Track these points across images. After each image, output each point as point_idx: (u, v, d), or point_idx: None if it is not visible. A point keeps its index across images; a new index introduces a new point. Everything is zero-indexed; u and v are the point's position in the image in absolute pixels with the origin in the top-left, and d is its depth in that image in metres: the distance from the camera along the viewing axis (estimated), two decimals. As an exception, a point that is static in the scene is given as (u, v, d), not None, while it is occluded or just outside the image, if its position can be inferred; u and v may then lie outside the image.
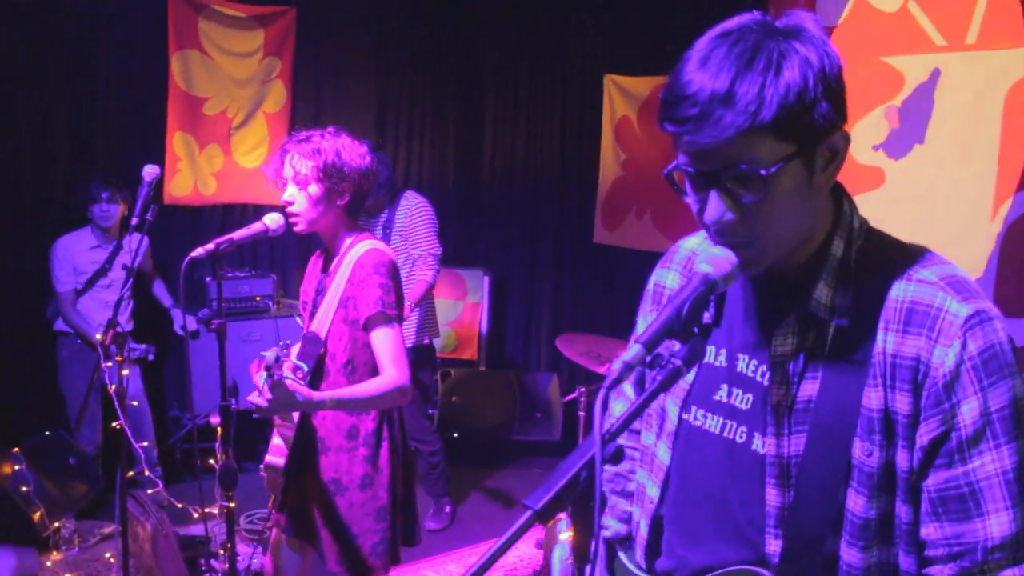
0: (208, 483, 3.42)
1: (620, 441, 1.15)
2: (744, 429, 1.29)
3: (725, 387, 1.32)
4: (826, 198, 1.26)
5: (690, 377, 1.34)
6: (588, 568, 1.12)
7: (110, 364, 3.10)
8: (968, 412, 1.13)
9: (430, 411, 5.48)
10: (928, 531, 1.17)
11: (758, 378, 1.28)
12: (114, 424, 3.05)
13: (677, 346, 1.17)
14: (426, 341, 4.66)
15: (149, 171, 3.21)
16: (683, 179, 1.24)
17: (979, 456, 1.13)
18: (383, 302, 2.51)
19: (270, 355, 2.13)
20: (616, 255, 5.98)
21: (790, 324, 1.24)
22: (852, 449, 1.18)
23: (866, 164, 4.53)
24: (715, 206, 1.18)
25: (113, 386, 2.97)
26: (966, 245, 4.13)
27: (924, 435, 1.15)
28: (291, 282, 5.93)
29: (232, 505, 2.53)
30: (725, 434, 1.31)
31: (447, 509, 4.78)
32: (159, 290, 5.11)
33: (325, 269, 2.72)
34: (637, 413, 1.14)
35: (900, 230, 4.27)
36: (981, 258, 4.09)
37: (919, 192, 4.33)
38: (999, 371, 1.14)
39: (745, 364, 1.30)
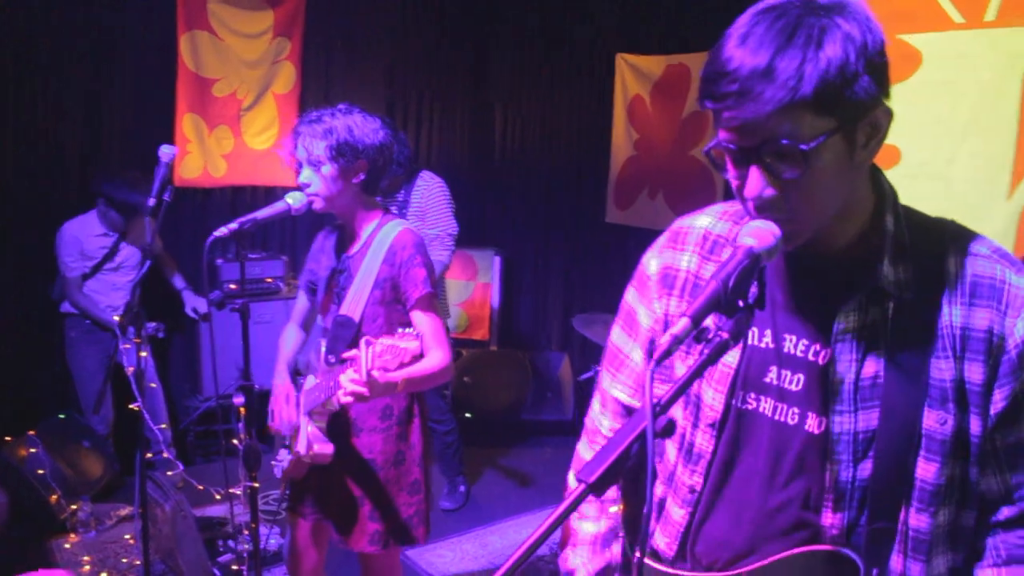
0: (222, 464, 3.41)
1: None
2: (796, 410, 1.29)
3: (775, 369, 1.31)
4: (867, 177, 1.27)
5: (732, 361, 1.33)
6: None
7: (128, 346, 3.09)
8: None
9: (445, 391, 5.49)
10: (997, 481, 1.24)
11: (810, 357, 1.28)
12: (131, 406, 3.05)
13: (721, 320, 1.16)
14: None
15: (166, 151, 3.19)
16: (723, 156, 1.23)
17: None
18: (429, 282, 2.53)
19: (362, 349, 2.13)
20: (628, 234, 5.96)
21: (854, 302, 1.24)
22: (922, 419, 1.21)
23: (884, 143, 4.50)
24: (756, 182, 1.17)
25: (132, 368, 2.96)
26: (984, 223, 4.11)
27: (999, 401, 1.20)
28: (302, 264, 5.91)
29: (256, 485, 2.53)
30: (777, 416, 1.30)
31: (461, 489, 4.79)
32: (169, 272, 5.09)
33: (343, 248, 2.69)
34: (687, 386, 1.14)
35: (919, 206, 4.24)
36: (1000, 236, 4.07)
37: (935, 170, 4.30)
38: None
39: (793, 344, 1.30)
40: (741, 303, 1.16)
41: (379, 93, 6.20)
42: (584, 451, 1.64)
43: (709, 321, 1.14)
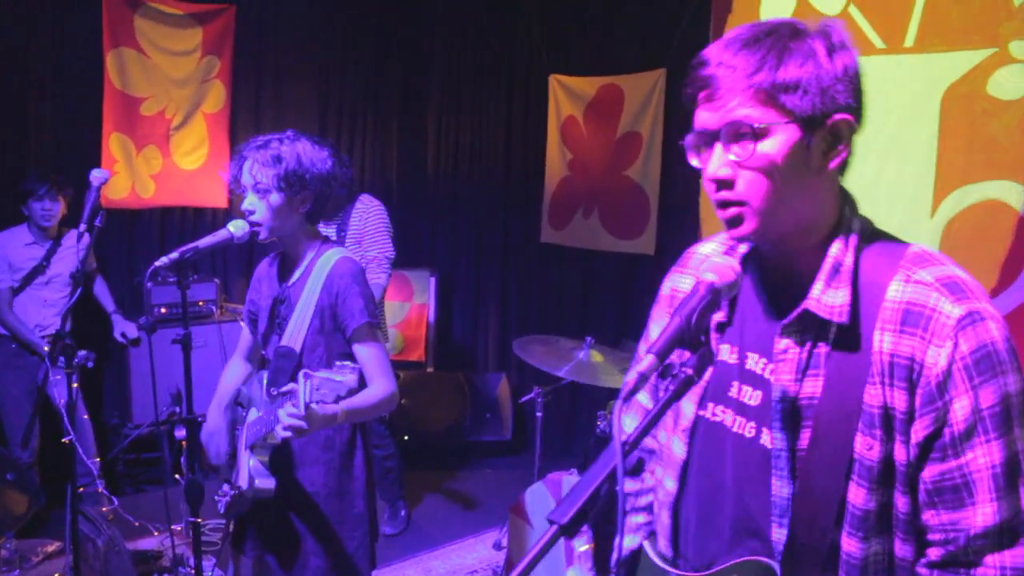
0: (151, 496, 3.32)
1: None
2: (753, 424, 1.34)
3: (736, 384, 1.37)
4: (833, 197, 1.32)
5: (706, 374, 1.36)
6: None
7: (59, 377, 2.99)
8: (960, 409, 1.18)
9: (384, 416, 5.43)
10: (926, 517, 1.23)
11: (766, 375, 1.32)
12: (64, 440, 2.95)
13: (687, 355, 1.19)
14: None
15: (97, 175, 3.11)
16: (695, 149, 1.31)
17: (971, 451, 1.19)
18: (368, 311, 2.49)
19: (300, 383, 2.09)
20: (563, 254, 6.00)
21: (793, 322, 1.28)
22: (854, 443, 1.23)
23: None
24: (713, 160, 1.25)
25: (63, 400, 2.87)
26: (909, 240, 4.23)
27: (919, 431, 1.21)
28: (233, 287, 5.82)
29: (199, 520, 2.46)
30: (736, 429, 1.36)
31: (402, 513, 4.74)
32: (101, 291, 4.93)
33: (283, 277, 2.65)
34: (653, 423, 1.16)
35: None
36: (924, 254, 4.20)
37: (861, 190, 4.40)
38: (990, 370, 1.19)
39: (754, 362, 1.35)
40: (704, 338, 1.20)
41: (311, 113, 6.13)
42: None
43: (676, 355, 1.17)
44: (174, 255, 2.40)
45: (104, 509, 3.79)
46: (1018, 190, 3.90)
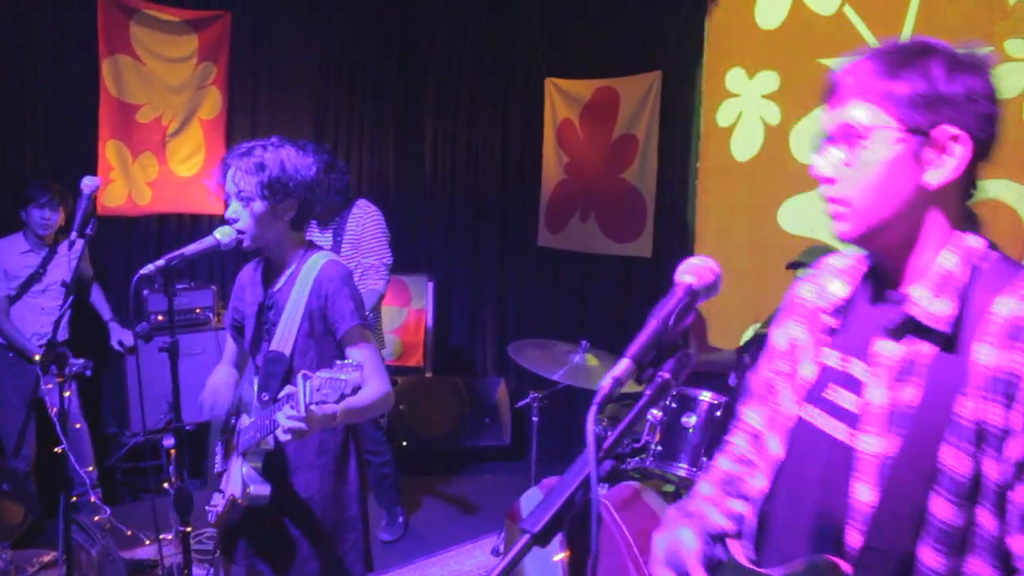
0: (148, 505, 3.30)
1: (736, 441, 1.41)
2: (847, 429, 1.33)
3: (836, 387, 1.37)
4: (944, 211, 1.30)
5: (809, 374, 1.42)
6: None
7: (51, 386, 2.98)
8: None
9: (381, 421, 5.42)
10: (1013, 543, 1.19)
11: (865, 380, 1.32)
12: (56, 449, 2.93)
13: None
14: None
15: (88, 183, 3.10)
16: (820, 149, 1.36)
17: None
18: (359, 314, 2.48)
19: (300, 384, 2.09)
20: (561, 258, 5.99)
21: (895, 329, 1.29)
22: (940, 455, 1.20)
23: (807, 164, 4.59)
24: (822, 158, 1.33)
25: (55, 408, 2.85)
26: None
27: (1015, 450, 1.17)
28: (231, 293, 5.80)
29: (189, 530, 2.45)
30: (831, 432, 1.35)
31: (400, 519, 4.72)
32: (97, 299, 4.92)
33: (269, 283, 2.63)
34: (627, 431, 1.14)
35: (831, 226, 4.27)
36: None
37: (859, 191, 4.41)
38: None
39: (856, 367, 1.35)
40: (682, 340, 1.19)
41: (307, 119, 6.13)
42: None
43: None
44: (160, 262, 2.38)
45: (97, 518, 3.76)
46: (1016, 189, 3.89)
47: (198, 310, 5.32)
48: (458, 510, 5.14)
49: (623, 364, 1.12)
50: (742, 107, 4.91)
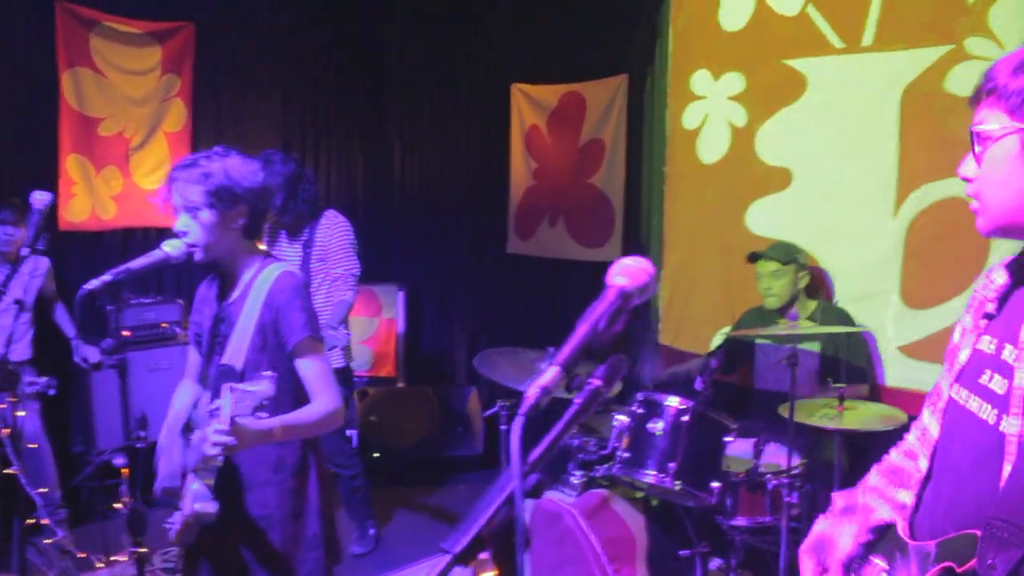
0: (108, 525, 3.23)
1: (908, 437, 1.57)
2: (996, 411, 1.36)
3: (988, 372, 1.41)
4: None
5: (964, 358, 1.48)
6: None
7: (3, 406, 2.91)
8: None
9: (348, 433, 5.37)
10: None
11: (1013, 364, 1.36)
12: (7, 471, 2.86)
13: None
14: (344, 363, 4.55)
15: (40, 198, 3.04)
16: None
17: None
18: (310, 326, 2.43)
19: (225, 397, 2.04)
20: (530, 264, 5.96)
21: None
22: None
23: (774, 165, 4.59)
24: (966, 158, 1.41)
25: (8, 430, 2.78)
26: (873, 241, 4.22)
27: None
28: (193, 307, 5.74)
29: (144, 550, 2.38)
30: (980, 414, 1.39)
31: (371, 532, 4.67)
32: (61, 317, 4.84)
33: (224, 295, 2.59)
34: (556, 442, 1.10)
35: (810, 228, 4.34)
36: (888, 253, 4.18)
37: (825, 190, 4.41)
38: None
39: (1008, 352, 1.39)
40: (620, 346, 1.14)
41: (274, 129, 6.09)
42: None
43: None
44: (106, 277, 2.33)
45: (48, 541, 3.68)
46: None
47: (164, 324, 5.25)
48: (431, 521, 5.09)
49: (551, 372, 1.08)
50: (708, 109, 4.90)
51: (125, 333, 4.99)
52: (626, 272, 1.19)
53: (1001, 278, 1.48)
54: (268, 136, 5.98)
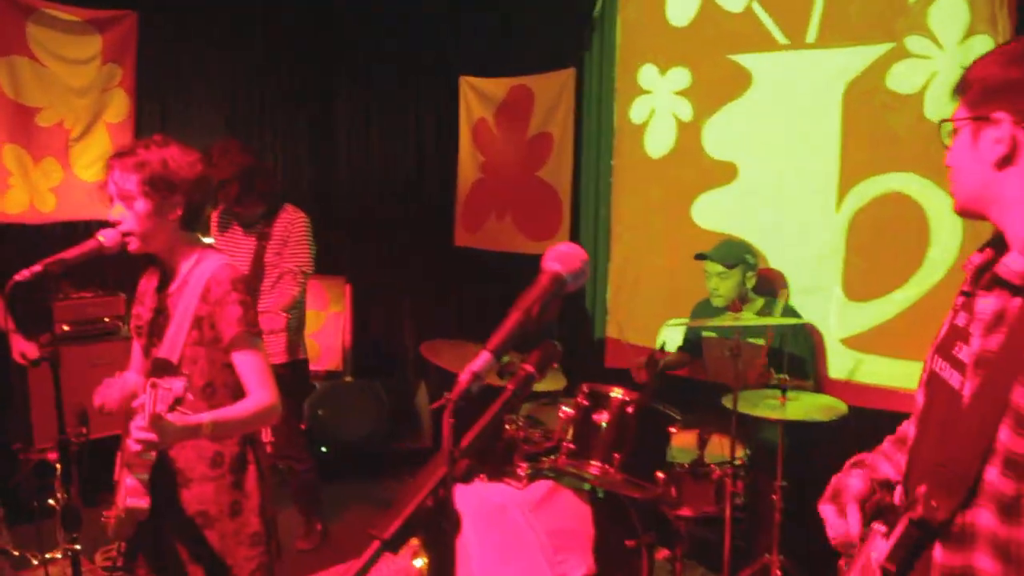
0: (49, 523, 3.16)
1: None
2: (959, 376, 1.46)
3: (959, 343, 1.49)
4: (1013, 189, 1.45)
5: (942, 332, 1.58)
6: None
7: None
8: None
9: (302, 427, 5.32)
10: None
11: (971, 331, 1.46)
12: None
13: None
14: (300, 356, 4.50)
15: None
16: None
17: None
18: (246, 320, 2.39)
19: (147, 393, 2.01)
20: (479, 258, 5.95)
21: (989, 285, 1.45)
22: (1012, 395, 1.32)
23: (720, 159, 4.64)
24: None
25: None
26: (815, 235, 4.28)
27: None
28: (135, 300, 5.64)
29: (78, 548, 2.33)
30: (951, 382, 1.49)
31: (318, 527, 4.63)
32: None
33: (162, 287, 2.54)
34: (490, 427, 1.10)
35: (755, 222, 4.39)
36: (830, 248, 4.25)
37: (770, 186, 4.46)
38: None
39: (972, 323, 1.48)
40: (552, 333, 1.14)
41: (219, 121, 5.99)
42: None
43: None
44: (37, 268, 2.27)
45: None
46: (919, 182, 3.96)
47: (106, 319, 5.15)
48: (378, 515, 5.05)
49: (482, 357, 1.07)
50: (654, 104, 4.94)
51: (65, 328, 4.90)
52: (559, 258, 1.19)
53: (978, 257, 1.55)
54: (213, 127, 5.88)
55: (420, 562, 1.18)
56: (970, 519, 1.36)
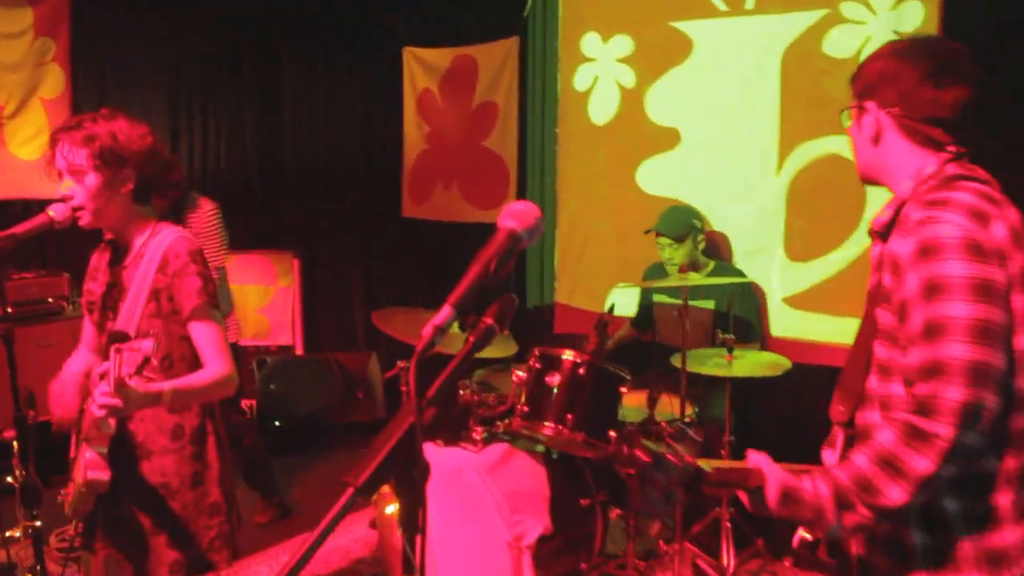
0: (7, 502, 3.13)
1: None
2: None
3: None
4: (896, 153, 1.76)
5: (870, 284, 1.81)
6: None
7: None
8: (909, 283, 1.60)
9: (241, 406, 5.32)
10: (902, 363, 1.63)
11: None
12: None
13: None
14: (231, 340, 4.49)
15: None
16: None
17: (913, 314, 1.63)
18: (206, 292, 2.40)
19: (111, 358, 2.02)
20: (426, 228, 5.97)
21: (872, 233, 1.76)
22: (878, 318, 1.68)
23: (663, 125, 4.71)
24: None
25: None
26: (757, 198, 4.38)
27: (896, 302, 1.64)
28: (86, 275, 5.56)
29: (38, 524, 2.33)
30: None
31: (275, 498, 4.65)
32: None
33: (116, 262, 2.53)
34: (452, 378, 1.14)
35: (699, 184, 4.47)
36: (771, 209, 4.35)
37: (711, 150, 4.55)
38: (928, 256, 1.60)
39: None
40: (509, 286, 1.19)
41: (160, 96, 5.90)
42: None
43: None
44: (-11, 243, 2.25)
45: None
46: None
47: (50, 299, 5.07)
48: (334, 486, 5.07)
49: (444, 311, 1.12)
50: (598, 71, 4.98)
51: (8, 309, 4.81)
52: (514, 215, 1.24)
53: (884, 215, 1.74)
54: (156, 103, 5.80)
55: (392, 508, 1.21)
56: (862, 421, 1.73)
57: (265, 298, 5.96)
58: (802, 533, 1.70)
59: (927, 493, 1.48)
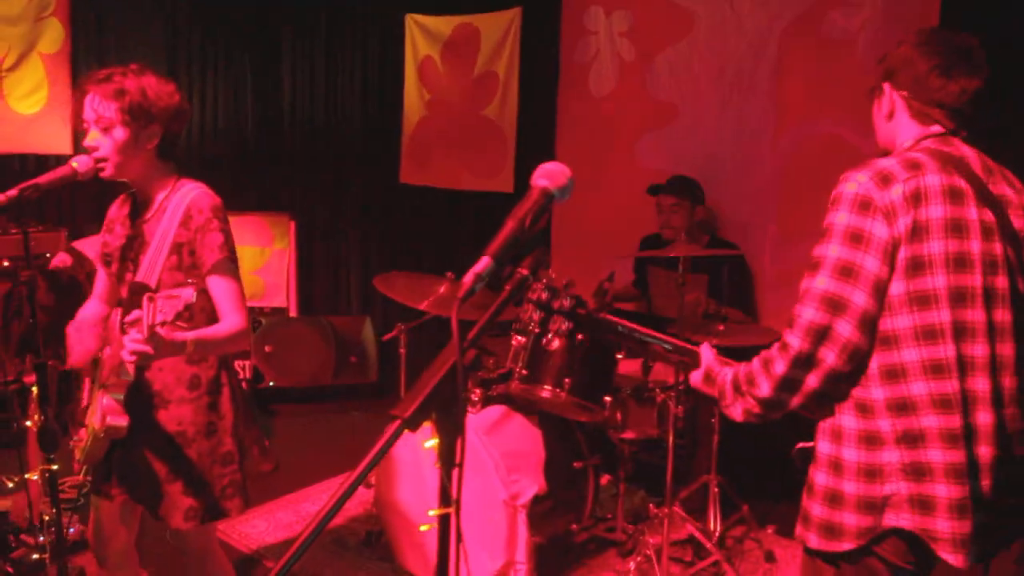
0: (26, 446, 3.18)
1: None
2: None
3: None
4: (892, 124, 1.97)
5: None
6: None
7: None
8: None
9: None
10: None
11: None
12: None
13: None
14: None
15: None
16: None
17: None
18: (227, 247, 2.45)
19: (144, 306, 2.05)
20: (423, 194, 6.02)
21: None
22: None
23: (661, 99, 4.77)
24: None
25: None
26: (755, 171, 4.46)
27: None
28: (84, 235, 5.57)
29: (55, 468, 2.39)
30: None
31: (266, 444, 4.72)
32: None
33: (137, 215, 2.58)
34: (489, 323, 1.22)
35: (695, 160, 4.53)
36: (768, 183, 4.43)
37: (708, 125, 4.62)
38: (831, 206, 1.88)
39: None
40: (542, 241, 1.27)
41: (158, 53, 5.88)
42: None
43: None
44: (12, 193, 2.29)
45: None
46: (851, 123, 4.15)
47: (48, 254, 5.09)
48: (328, 448, 5.16)
49: (483, 262, 1.19)
50: (599, 45, 5.03)
51: (6, 263, 4.84)
52: (547, 174, 1.31)
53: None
54: (155, 62, 5.76)
55: (431, 443, 1.27)
56: None
57: (260, 260, 6.00)
58: (801, 445, 1.94)
59: (790, 391, 1.79)
